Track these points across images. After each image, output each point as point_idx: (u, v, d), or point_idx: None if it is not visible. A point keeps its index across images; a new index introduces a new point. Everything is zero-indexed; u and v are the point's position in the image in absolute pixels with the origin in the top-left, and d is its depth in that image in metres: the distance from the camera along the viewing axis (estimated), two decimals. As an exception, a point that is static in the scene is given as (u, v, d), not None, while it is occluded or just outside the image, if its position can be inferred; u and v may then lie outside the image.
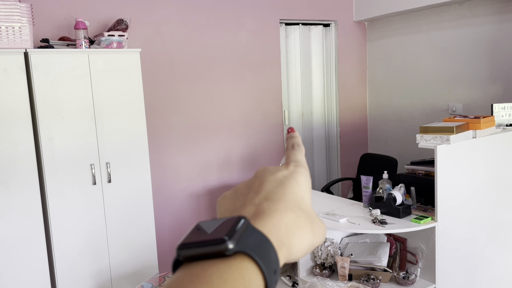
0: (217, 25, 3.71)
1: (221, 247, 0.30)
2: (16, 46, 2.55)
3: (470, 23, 3.64)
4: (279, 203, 0.36)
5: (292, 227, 0.35)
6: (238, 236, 0.30)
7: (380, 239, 2.64)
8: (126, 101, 2.87)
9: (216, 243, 0.30)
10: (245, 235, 0.31)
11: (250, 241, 0.31)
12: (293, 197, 0.37)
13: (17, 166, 2.57)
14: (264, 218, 0.34)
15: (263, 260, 0.30)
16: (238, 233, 0.30)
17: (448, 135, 2.33)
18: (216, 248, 0.30)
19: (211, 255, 0.30)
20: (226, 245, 0.30)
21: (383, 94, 4.49)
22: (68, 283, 2.76)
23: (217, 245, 0.30)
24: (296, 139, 0.46)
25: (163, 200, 3.60)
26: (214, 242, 0.30)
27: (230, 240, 0.30)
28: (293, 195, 0.37)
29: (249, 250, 0.30)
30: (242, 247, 0.30)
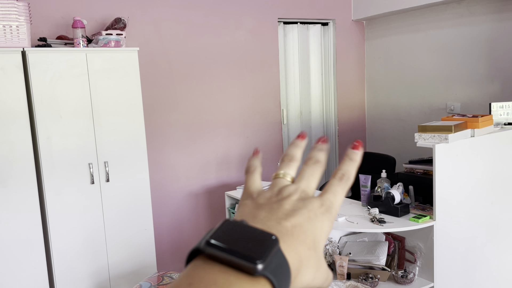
0: (215, 24, 3.70)
1: (251, 267, 0.30)
2: (13, 45, 2.54)
3: (468, 22, 3.65)
4: (303, 234, 0.36)
5: (303, 263, 0.35)
6: (269, 260, 0.30)
7: (378, 238, 2.65)
8: (124, 100, 2.87)
9: (247, 259, 0.30)
10: (273, 260, 0.31)
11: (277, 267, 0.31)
12: (314, 237, 0.37)
13: (15, 165, 2.56)
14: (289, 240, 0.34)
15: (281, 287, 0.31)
16: (269, 257, 0.31)
17: (447, 134, 2.33)
18: (246, 265, 0.30)
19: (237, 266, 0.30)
20: (256, 268, 0.30)
21: (382, 93, 4.49)
22: (66, 282, 2.76)
23: (247, 261, 0.30)
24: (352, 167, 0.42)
25: (162, 199, 3.59)
26: (246, 258, 0.30)
27: (261, 263, 0.30)
28: (313, 235, 0.37)
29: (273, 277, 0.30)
30: (269, 273, 0.30)
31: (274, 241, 0.32)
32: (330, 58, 4.42)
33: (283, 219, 0.36)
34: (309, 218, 0.37)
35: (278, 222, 0.36)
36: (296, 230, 0.36)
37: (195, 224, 3.79)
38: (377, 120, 4.58)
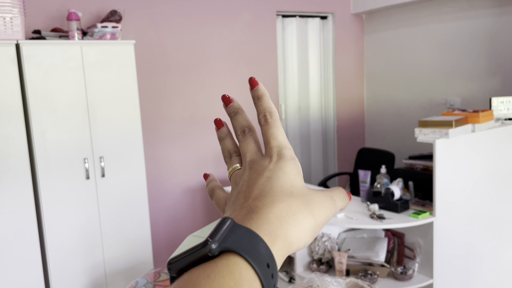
0: (212, 17, 3.65)
1: (205, 250, 0.30)
2: (7, 37, 2.49)
3: (469, 16, 3.61)
4: (266, 198, 0.36)
5: (285, 217, 0.34)
6: (221, 236, 0.30)
7: (377, 234, 2.62)
8: (120, 94, 2.82)
9: (200, 247, 0.30)
10: (229, 234, 0.31)
11: (234, 238, 0.31)
12: (281, 189, 0.36)
13: (9, 160, 2.52)
14: (252, 216, 0.34)
15: (250, 254, 0.30)
16: (221, 233, 0.31)
17: (447, 129, 2.30)
18: (201, 252, 0.30)
19: (199, 261, 0.30)
20: (209, 246, 0.30)
21: (381, 87, 4.46)
22: (62, 278, 2.73)
23: (201, 249, 0.30)
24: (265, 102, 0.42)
25: (158, 195, 3.56)
26: (198, 247, 0.30)
27: (213, 241, 0.30)
28: (281, 186, 0.37)
29: (233, 246, 0.30)
30: (226, 245, 0.30)
31: (224, 220, 0.32)
32: (329, 52, 4.37)
33: (243, 202, 0.36)
34: (267, 178, 0.37)
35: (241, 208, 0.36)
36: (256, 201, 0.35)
37: (192, 220, 3.75)
38: (376, 115, 4.55)
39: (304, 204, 0.36)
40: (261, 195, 0.36)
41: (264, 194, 0.36)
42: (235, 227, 0.32)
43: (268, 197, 0.36)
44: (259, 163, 0.40)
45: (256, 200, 0.36)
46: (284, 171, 0.38)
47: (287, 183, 0.37)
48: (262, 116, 0.42)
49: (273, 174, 0.38)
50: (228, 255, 0.30)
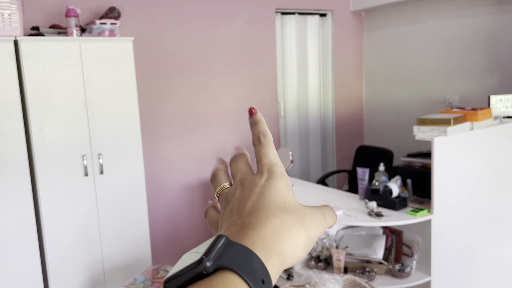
0: (211, 14, 3.65)
1: (200, 268, 0.30)
2: (5, 34, 2.48)
3: (468, 14, 3.61)
4: (260, 214, 0.36)
5: (279, 232, 0.34)
6: (216, 253, 0.31)
7: (375, 232, 2.63)
8: (119, 91, 2.82)
9: (195, 265, 0.30)
10: (223, 251, 0.31)
11: (228, 255, 0.31)
12: (274, 204, 0.37)
13: (7, 156, 2.52)
14: (246, 232, 0.34)
15: (245, 271, 0.30)
16: (215, 251, 0.31)
17: (445, 127, 2.30)
18: (196, 270, 0.30)
19: (195, 279, 0.30)
20: (204, 264, 0.30)
21: (380, 85, 4.46)
22: (60, 275, 2.73)
23: (196, 267, 0.30)
24: (260, 126, 0.44)
25: (157, 192, 3.56)
26: (194, 265, 0.30)
27: (207, 259, 0.30)
28: (274, 202, 0.37)
29: (227, 263, 0.30)
30: (221, 262, 0.30)
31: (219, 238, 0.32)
32: (328, 49, 4.37)
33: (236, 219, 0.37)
34: (259, 194, 0.38)
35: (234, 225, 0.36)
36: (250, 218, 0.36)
37: (190, 217, 3.76)
38: (375, 113, 4.55)
39: (298, 219, 0.36)
40: (255, 211, 0.36)
41: (258, 210, 0.36)
42: (230, 244, 0.32)
43: (262, 213, 0.36)
44: (250, 180, 0.40)
45: (250, 216, 0.36)
46: (275, 187, 0.38)
47: (279, 199, 0.37)
48: (256, 138, 0.43)
49: (265, 190, 0.38)
50: (223, 272, 0.30)
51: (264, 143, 0.42)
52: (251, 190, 0.39)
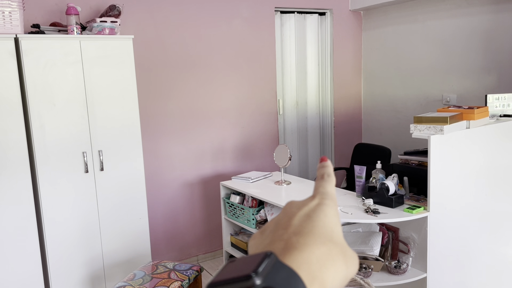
0: (211, 13, 3.67)
1: (248, 284, 0.29)
2: (6, 31, 2.50)
3: (466, 13, 3.63)
4: (308, 236, 0.35)
5: (324, 261, 0.34)
6: (265, 272, 0.30)
7: (372, 229, 2.65)
8: (119, 88, 2.84)
9: (243, 279, 0.30)
10: (272, 271, 0.31)
11: (278, 276, 0.31)
12: (323, 230, 0.36)
13: (8, 153, 2.54)
14: (293, 252, 0.34)
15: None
16: (265, 269, 0.30)
17: (442, 125, 2.32)
18: (243, 285, 0.30)
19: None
20: (253, 281, 0.29)
21: (378, 84, 4.48)
22: (60, 271, 2.76)
23: (244, 281, 0.30)
24: (327, 169, 0.45)
25: (156, 189, 3.58)
26: (242, 279, 0.30)
27: (257, 276, 0.30)
28: (322, 228, 0.36)
29: (277, 285, 0.30)
30: (270, 283, 0.30)
31: (268, 255, 0.31)
32: (327, 48, 4.39)
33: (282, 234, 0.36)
34: (308, 216, 0.37)
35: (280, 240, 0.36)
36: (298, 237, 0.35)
37: (190, 214, 3.79)
38: (373, 111, 4.58)
39: (342, 253, 0.36)
40: (303, 231, 0.36)
41: (306, 232, 0.36)
42: (279, 265, 0.31)
43: (310, 236, 0.35)
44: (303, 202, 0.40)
45: (298, 236, 0.35)
46: (325, 213, 0.38)
47: (328, 227, 0.37)
48: (320, 174, 0.44)
49: (314, 214, 0.38)
50: None
51: (326, 179, 0.43)
52: (299, 209, 0.39)
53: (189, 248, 3.81)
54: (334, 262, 0.34)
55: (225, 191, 3.24)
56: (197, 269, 2.61)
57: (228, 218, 3.20)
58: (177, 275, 2.51)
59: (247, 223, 2.98)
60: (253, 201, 2.98)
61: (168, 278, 2.47)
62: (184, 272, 2.54)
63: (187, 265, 2.64)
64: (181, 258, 3.78)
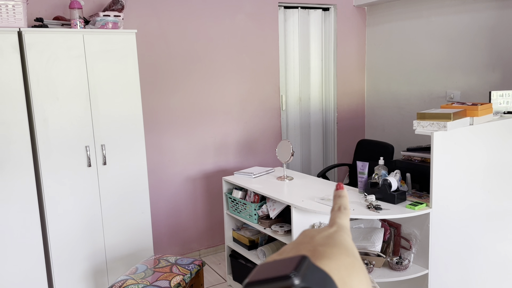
0: (215, 7, 3.66)
1: (288, 283, 0.30)
2: (9, 24, 2.51)
3: (470, 9, 3.61)
4: (334, 248, 0.37)
5: (351, 270, 0.35)
6: (303, 273, 0.31)
7: (374, 225, 2.65)
8: (122, 82, 2.84)
9: (282, 279, 0.31)
10: (309, 272, 0.31)
11: (315, 278, 0.31)
12: (345, 247, 0.38)
13: (11, 147, 2.55)
14: (323, 259, 0.35)
15: None
16: (302, 270, 0.31)
17: (445, 122, 2.32)
18: (283, 284, 0.30)
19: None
20: (292, 281, 0.30)
21: (381, 80, 4.47)
22: (63, 264, 2.77)
23: (283, 281, 0.30)
24: (344, 200, 0.47)
25: (159, 183, 3.59)
26: (280, 278, 0.31)
27: (296, 276, 0.30)
28: (344, 245, 0.38)
29: (315, 286, 0.31)
30: (308, 283, 0.31)
31: (304, 258, 0.33)
32: (330, 44, 4.38)
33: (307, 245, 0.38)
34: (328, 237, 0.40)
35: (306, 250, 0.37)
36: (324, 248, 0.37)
37: (192, 209, 3.79)
38: (376, 107, 4.57)
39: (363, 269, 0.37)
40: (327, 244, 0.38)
41: (331, 245, 0.37)
42: (313, 268, 0.32)
43: (336, 248, 0.37)
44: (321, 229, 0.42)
45: (324, 247, 0.37)
46: (344, 237, 0.40)
47: (348, 245, 0.39)
48: (337, 206, 0.46)
49: (334, 236, 0.40)
50: None
51: (343, 212, 0.45)
52: (319, 232, 0.41)
53: (191, 242, 3.83)
54: (358, 274, 0.36)
55: (227, 186, 3.25)
56: (199, 263, 2.62)
57: (230, 213, 3.21)
58: (179, 269, 2.52)
59: (249, 218, 2.99)
60: (255, 196, 2.98)
61: (170, 272, 2.48)
62: (186, 267, 2.55)
63: (189, 259, 2.65)
64: (183, 252, 3.79)
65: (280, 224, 2.84)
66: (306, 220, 2.64)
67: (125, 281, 2.36)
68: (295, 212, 2.58)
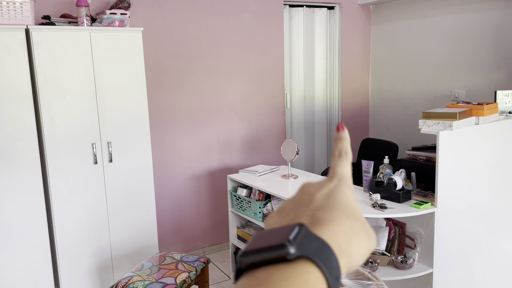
0: (220, 6, 3.66)
1: (283, 252, 0.30)
2: (17, 22, 2.52)
3: (476, 8, 3.60)
4: (333, 211, 0.36)
5: (350, 234, 0.35)
6: (299, 241, 0.30)
7: (379, 223, 2.66)
8: (128, 80, 2.85)
9: (277, 248, 0.30)
10: (305, 241, 0.31)
11: (311, 246, 0.31)
12: (345, 207, 0.37)
13: (18, 144, 2.57)
14: (321, 226, 0.34)
15: (326, 266, 0.30)
16: (298, 238, 0.30)
17: (451, 121, 2.32)
18: (278, 253, 0.30)
19: (273, 261, 0.30)
20: (287, 250, 0.30)
21: (386, 79, 4.47)
22: (69, 260, 2.79)
23: (278, 250, 0.30)
24: (344, 144, 0.44)
25: (164, 181, 3.61)
26: (276, 247, 0.30)
27: (292, 245, 0.30)
28: (344, 205, 0.37)
29: (311, 254, 0.30)
30: (304, 252, 0.30)
31: (300, 226, 0.32)
32: (335, 42, 4.38)
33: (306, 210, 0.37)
34: (328, 195, 0.38)
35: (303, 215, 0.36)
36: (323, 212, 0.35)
37: (197, 206, 3.81)
38: (380, 106, 4.57)
39: (364, 229, 0.36)
40: (326, 207, 0.36)
41: (330, 207, 0.36)
42: (310, 236, 0.31)
43: (335, 211, 0.35)
44: (320, 182, 0.40)
45: (322, 211, 0.35)
46: (344, 193, 0.39)
47: (349, 204, 0.37)
48: (338, 151, 0.43)
49: (334, 193, 0.38)
50: (305, 262, 0.30)
51: (343, 158, 0.43)
52: (318, 189, 0.39)
53: (196, 240, 3.84)
54: (358, 237, 0.35)
55: (232, 184, 3.26)
56: (204, 260, 2.63)
57: (234, 211, 3.22)
58: (184, 266, 2.53)
59: (254, 216, 3.00)
60: (260, 194, 2.99)
61: (176, 269, 2.49)
62: (191, 264, 2.57)
63: (195, 256, 2.66)
64: (188, 249, 3.81)
65: (284, 222, 2.85)
66: (311, 219, 2.65)
67: (131, 278, 2.38)
68: (300, 210, 2.59)
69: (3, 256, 2.60)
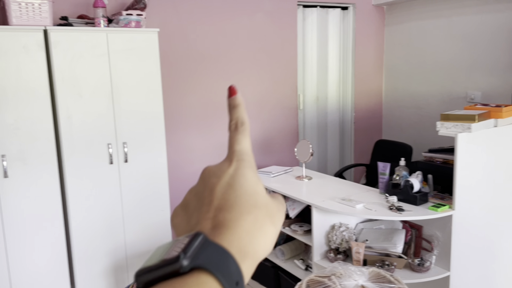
0: (234, 6, 3.66)
1: (176, 266, 0.29)
2: (35, 23, 2.54)
3: (492, 9, 3.56)
4: (233, 209, 0.35)
5: (253, 231, 0.34)
6: (193, 252, 0.30)
7: (395, 226, 2.64)
8: (144, 81, 2.86)
9: (171, 262, 0.29)
10: (200, 251, 0.30)
11: (205, 255, 0.30)
12: (246, 197, 0.36)
13: (36, 143, 2.59)
14: (222, 230, 0.33)
15: (221, 272, 0.30)
16: (193, 249, 0.30)
17: (470, 123, 2.30)
18: (172, 268, 0.29)
19: (168, 276, 0.30)
20: (180, 263, 0.29)
21: (400, 80, 4.44)
22: (85, 259, 2.81)
23: (172, 264, 0.29)
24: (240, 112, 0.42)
25: (178, 181, 3.61)
26: (170, 262, 0.29)
27: (185, 258, 0.29)
28: (245, 194, 0.36)
29: (205, 264, 0.30)
30: (198, 263, 0.30)
31: (198, 236, 0.31)
32: (349, 43, 4.36)
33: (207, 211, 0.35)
34: (229, 184, 0.37)
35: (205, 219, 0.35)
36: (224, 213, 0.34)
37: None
38: (394, 107, 4.54)
39: (268, 215, 0.36)
40: (227, 205, 0.35)
41: (230, 205, 0.35)
42: (207, 244, 0.31)
43: (235, 209, 0.35)
44: (218, 166, 0.39)
45: (223, 212, 0.35)
46: (245, 177, 0.37)
47: (250, 190, 0.36)
48: (233, 123, 0.42)
49: (234, 181, 0.37)
50: (198, 272, 0.30)
51: (240, 130, 0.41)
52: (219, 178, 0.37)
53: (208, 240, 3.84)
54: (262, 229, 0.35)
55: (246, 185, 3.26)
56: (219, 261, 2.63)
57: (248, 212, 3.22)
58: (199, 267, 2.53)
59: (268, 217, 2.99)
60: (275, 195, 2.99)
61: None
62: (206, 264, 2.57)
63: (209, 257, 2.66)
64: (200, 250, 3.81)
65: (299, 223, 2.85)
66: (327, 221, 2.64)
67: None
68: (315, 212, 2.58)
69: (20, 255, 2.62)
